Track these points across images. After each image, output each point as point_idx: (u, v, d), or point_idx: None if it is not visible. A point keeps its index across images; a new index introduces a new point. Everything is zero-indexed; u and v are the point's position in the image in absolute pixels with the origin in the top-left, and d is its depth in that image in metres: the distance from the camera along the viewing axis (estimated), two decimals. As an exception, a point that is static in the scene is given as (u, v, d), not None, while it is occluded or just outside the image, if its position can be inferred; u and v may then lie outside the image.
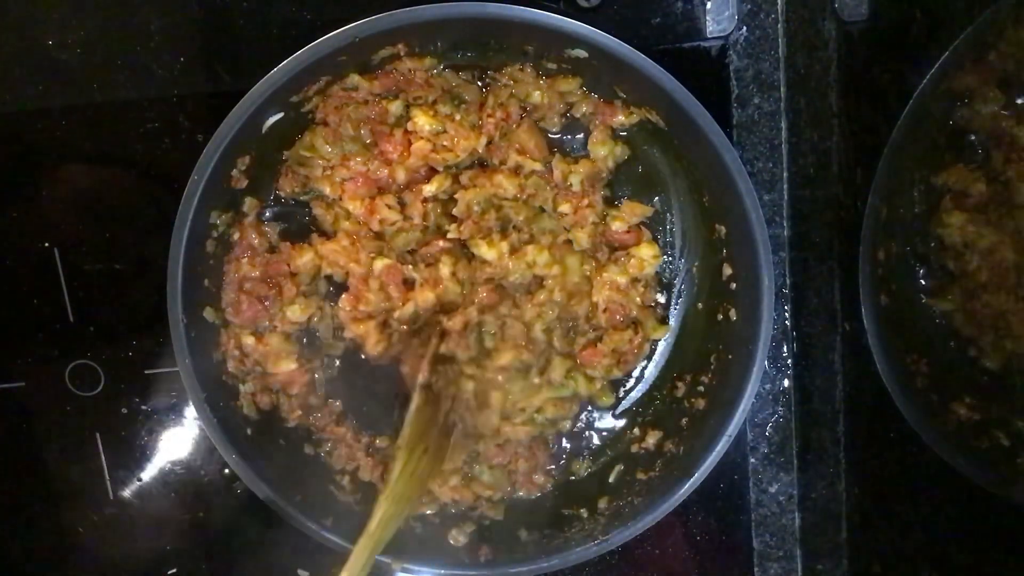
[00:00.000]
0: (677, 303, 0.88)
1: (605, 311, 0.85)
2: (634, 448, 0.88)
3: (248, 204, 0.81)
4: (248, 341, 0.82)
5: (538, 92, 0.81)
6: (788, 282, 0.87)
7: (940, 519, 0.81)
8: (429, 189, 0.81)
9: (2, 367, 0.88)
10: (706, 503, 0.90)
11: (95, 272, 0.86)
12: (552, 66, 0.80)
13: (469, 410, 0.83)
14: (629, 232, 0.84)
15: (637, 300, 0.86)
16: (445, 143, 0.80)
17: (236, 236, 0.81)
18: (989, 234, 0.77)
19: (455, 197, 0.81)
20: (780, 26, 0.82)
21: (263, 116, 0.76)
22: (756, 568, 0.92)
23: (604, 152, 0.82)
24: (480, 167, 0.83)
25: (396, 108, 0.80)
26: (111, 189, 0.85)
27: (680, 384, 0.87)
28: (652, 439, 0.87)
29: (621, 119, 0.82)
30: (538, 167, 0.82)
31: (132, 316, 0.87)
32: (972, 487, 0.74)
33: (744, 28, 0.82)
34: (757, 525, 0.91)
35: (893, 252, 0.80)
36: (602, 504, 0.86)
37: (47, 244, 0.85)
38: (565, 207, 0.83)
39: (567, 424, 0.88)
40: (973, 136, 0.78)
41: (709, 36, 0.81)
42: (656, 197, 0.85)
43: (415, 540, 0.84)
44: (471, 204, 0.81)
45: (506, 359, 0.83)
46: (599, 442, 0.90)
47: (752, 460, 0.90)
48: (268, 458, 0.82)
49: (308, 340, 0.86)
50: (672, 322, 0.88)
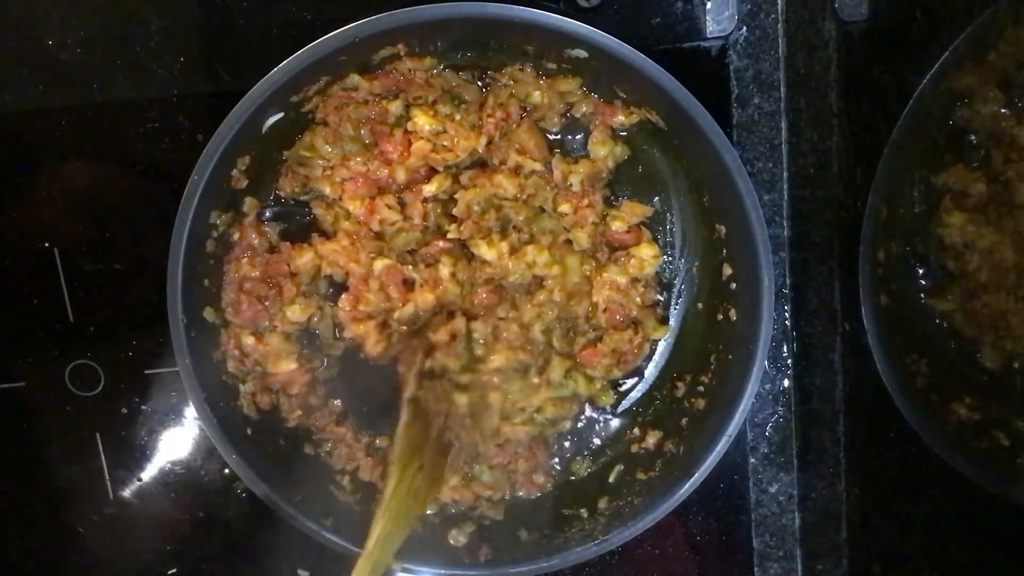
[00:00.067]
0: (677, 303, 0.88)
1: (605, 311, 0.85)
2: (634, 448, 0.88)
3: (248, 204, 0.81)
4: (248, 341, 0.82)
5: (538, 92, 0.81)
6: (788, 282, 0.87)
7: (940, 519, 0.81)
8: (429, 189, 0.81)
9: (2, 367, 0.88)
10: (706, 503, 0.90)
11: (95, 272, 0.86)
12: (552, 66, 0.80)
13: (464, 428, 0.81)
14: (629, 232, 0.84)
15: (637, 300, 0.86)
16: (445, 143, 0.80)
17: (236, 236, 0.81)
18: (989, 234, 0.77)
19: (455, 197, 0.81)
20: (780, 26, 0.82)
21: (263, 116, 0.76)
22: (756, 568, 0.92)
23: (604, 152, 0.82)
24: (480, 167, 0.82)
25: (396, 108, 0.80)
26: (111, 189, 0.85)
27: (680, 384, 0.87)
28: (652, 439, 0.87)
29: (621, 119, 0.82)
30: (538, 167, 0.82)
31: (132, 316, 0.87)
32: (972, 487, 0.74)
33: (744, 28, 0.82)
34: (757, 525, 0.91)
35: (893, 252, 0.80)
36: (602, 504, 0.86)
37: (47, 244, 0.85)
38: (565, 207, 0.83)
39: (567, 424, 0.88)
40: (973, 136, 0.77)
41: (709, 36, 0.81)
42: (656, 197, 0.85)
43: (415, 540, 0.84)
44: (471, 204, 0.81)
45: (499, 362, 0.82)
46: (599, 442, 0.90)
47: (752, 460, 0.90)
48: (268, 458, 0.82)
49: (308, 340, 0.86)
50: (672, 322, 0.88)
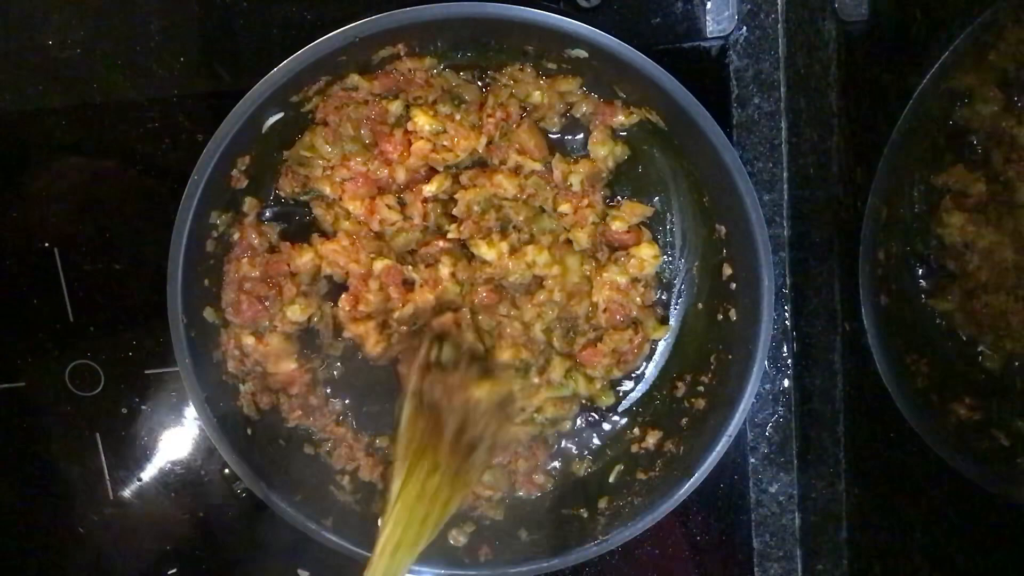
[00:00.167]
0: (677, 303, 0.88)
1: (605, 311, 0.85)
2: (634, 448, 0.88)
3: (248, 204, 0.81)
4: (248, 341, 0.82)
5: (538, 92, 0.81)
6: (788, 282, 0.87)
7: (940, 519, 0.81)
8: (429, 189, 0.81)
9: (2, 367, 0.88)
10: (706, 503, 0.90)
11: (95, 272, 0.86)
12: (552, 66, 0.80)
13: (493, 422, 0.76)
14: (629, 232, 0.84)
15: (637, 300, 0.86)
16: (445, 143, 0.80)
17: (236, 236, 0.81)
18: (989, 234, 0.77)
19: (455, 197, 0.81)
20: (780, 26, 0.82)
21: (263, 116, 0.76)
22: (756, 568, 0.92)
23: (604, 152, 0.82)
24: (480, 167, 0.82)
25: (396, 108, 0.80)
26: (111, 189, 0.85)
27: (680, 384, 0.87)
28: (652, 439, 0.87)
29: (621, 119, 0.82)
30: (538, 167, 0.82)
31: (132, 316, 0.87)
32: (972, 487, 0.74)
33: (744, 28, 0.82)
34: (757, 525, 0.91)
35: (893, 252, 0.80)
36: (602, 504, 0.86)
37: (47, 244, 0.85)
38: (565, 207, 0.83)
39: (567, 424, 0.88)
40: (973, 136, 0.77)
41: (709, 36, 0.81)
42: (656, 197, 0.85)
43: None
44: (471, 204, 0.81)
45: (508, 355, 0.81)
46: (599, 442, 0.90)
47: (752, 460, 0.90)
48: (268, 458, 0.82)
49: (308, 340, 0.86)
50: (672, 322, 0.88)
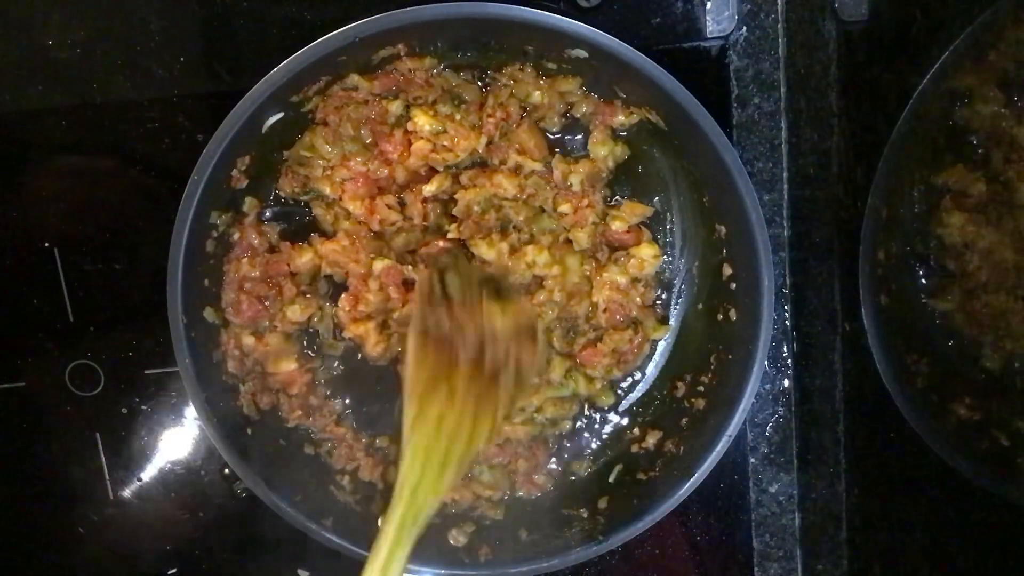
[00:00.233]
0: (677, 303, 0.88)
1: (605, 311, 0.85)
2: (634, 448, 0.88)
3: (248, 204, 0.81)
4: (248, 341, 0.82)
5: (538, 92, 0.81)
6: (788, 282, 0.87)
7: (940, 519, 0.81)
8: (429, 189, 0.81)
9: (2, 367, 0.88)
10: (706, 503, 0.90)
11: (95, 272, 0.86)
12: (552, 66, 0.80)
13: (514, 342, 0.69)
14: (629, 232, 0.84)
15: (637, 300, 0.86)
16: (445, 143, 0.80)
17: (236, 236, 0.81)
18: (989, 234, 0.77)
19: (455, 197, 0.81)
20: (780, 26, 0.82)
21: (263, 116, 0.76)
22: (756, 568, 0.92)
23: (604, 152, 0.82)
24: (480, 167, 0.82)
25: (396, 108, 0.80)
26: (111, 189, 0.85)
27: (680, 384, 0.87)
28: (652, 439, 0.87)
29: (621, 119, 0.82)
30: (538, 167, 0.82)
31: (132, 316, 0.87)
32: (972, 487, 0.74)
33: (744, 28, 0.82)
34: (757, 525, 0.91)
35: (893, 252, 0.79)
36: (602, 504, 0.86)
37: (47, 244, 0.85)
38: (565, 207, 0.83)
39: (567, 424, 0.88)
40: (973, 136, 0.77)
41: (709, 36, 0.81)
42: (656, 197, 0.85)
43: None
44: (471, 204, 0.81)
45: (541, 258, 0.75)
46: (599, 442, 0.90)
47: (752, 460, 0.90)
48: (268, 458, 0.81)
49: (308, 340, 0.86)
50: (672, 322, 0.88)
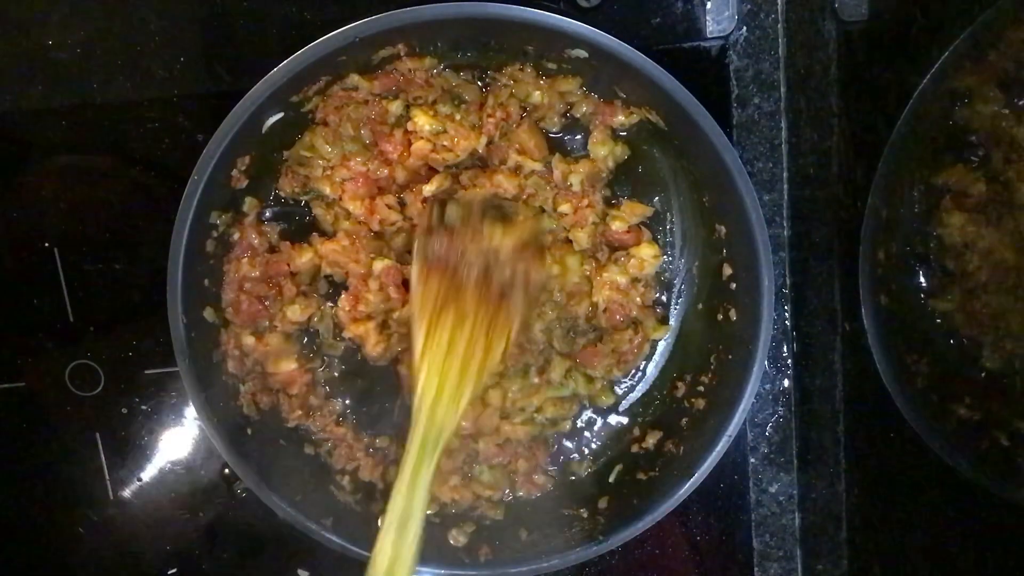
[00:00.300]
0: (677, 303, 0.88)
1: (605, 311, 0.85)
2: (634, 448, 0.88)
3: (248, 204, 0.81)
4: (248, 341, 0.82)
5: (538, 92, 0.81)
6: (788, 282, 0.87)
7: (940, 519, 0.81)
8: (429, 189, 0.81)
9: (2, 367, 0.88)
10: (706, 503, 0.90)
11: (95, 272, 0.86)
12: (552, 66, 0.80)
13: (521, 259, 0.72)
14: (629, 232, 0.84)
15: (637, 300, 0.86)
16: (445, 143, 0.80)
17: (236, 236, 0.81)
18: (989, 234, 0.77)
19: (455, 197, 0.81)
20: (780, 26, 0.82)
21: (263, 116, 0.76)
22: (756, 568, 0.92)
23: (604, 152, 0.82)
24: (480, 167, 0.82)
25: (396, 108, 0.80)
26: (111, 189, 0.85)
27: (680, 384, 0.87)
28: (652, 439, 0.87)
29: (621, 119, 0.82)
30: (538, 167, 0.82)
31: (132, 316, 0.87)
32: (972, 487, 0.74)
33: (744, 28, 0.82)
34: (757, 525, 0.91)
35: (893, 252, 0.79)
36: (602, 504, 0.86)
37: (47, 244, 0.85)
38: (565, 207, 0.83)
39: (567, 424, 0.88)
40: (973, 136, 0.77)
41: (709, 36, 0.81)
42: (656, 197, 0.85)
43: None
44: (471, 204, 0.81)
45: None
46: (599, 442, 0.90)
47: (752, 460, 0.90)
48: (268, 458, 0.81)
49: (308, 340, 0.86)
50: (672, 322, 0.88)
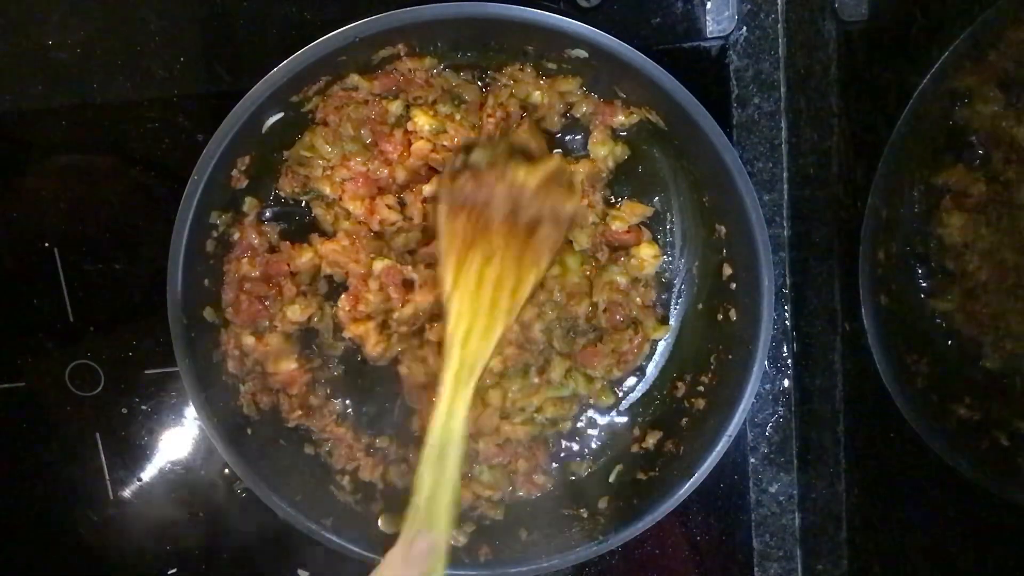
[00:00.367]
0: (677, 303, 0.88)
1: (605, 311, 0.85)
2: (634, 448, 0.88)
3: (248, 204, 0.81)
4: (248, 341, 0.82)
5: (538, 92, 0.81)
6: (788, 282, 0.87)
7: (940, 519, 0.81)
8: (429, 189, 0.81)
9: (2, 367, 0.88)
10: (706, 503, 0.90)
11: (95, 272, 0.86)
12: (552, 66, 0.80)
13: (548, 195, 0.75)
14: (629, 232, 0.84)
15: (637, 300, 0.86)
16: (445, 143, 0.80)
17: (236, 236, 0.81)
18: (989, 234, 0.77)
19: (480, 142, 0.80)
20: (780, 26, 0.82)
21: (263, 116, 0.76)
22: (756, 568, 0.92)
23: (604, 152, 0.82)
24: (480, 167, 0.82)
25: (396, 108, 0.80)
26: (111, 189, 0.85)
27: (680, 384, 0.87)
28: (652, 439, 0.87)
29: (621, 119, 0.82)
30: (538, 167, 0.82)
31: (132, 316, 0.87)
32: (972, 487, 0.74)
33: (744, 28, 0.82)
34: (757, 525, 0.91)
35: (893, 252, 0.79)
36: (602, 504, 0.86)
37: (47, 244, 0.85)
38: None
39: (567, 424, 0.88)
40: (973, 136, 0.77)
41: (709, 36, 0.81)
42: (656, 197, 0.85)
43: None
44: (471, 204, 0.81)
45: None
46: (599, 442, 0.90)
47: (752, 460, 0.90)
48: (268, 458, 0.81)
49: (308, 340, 0.86)
50: (672, 322, 0.88)
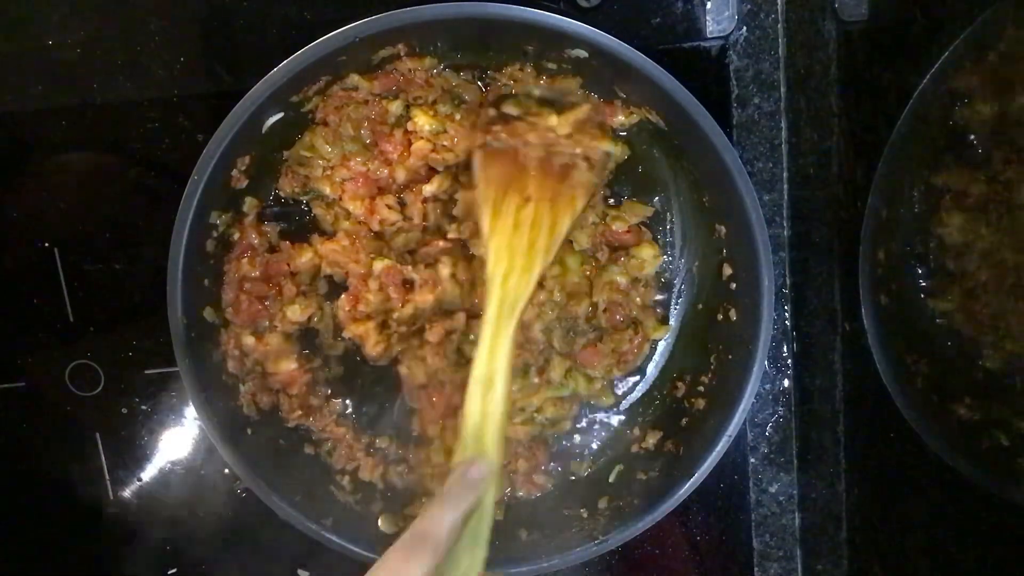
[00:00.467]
0: (677, 303, 0.88)
1: (605, 311, 0.85)
2: (634, 448, 0.88)
3: (248, 204, 0.81)
4: (248, 341, 0.82)
5: (538, 92, 0.81)
6: (788, 282, 0.87)
7: (940, 519, 0.81)
8: (429, 189, 0.81)
9: (2, 367, 0.88)
10: (706, 503, 0.90)
11: (95, 272, 0.86)
12: (552, 66, 0.80)
13: (582, 138, 0.78)
14: (629, 232, 0.84)
15: (637, 300, 0.86)
16: (445, 143, 0.80)
17: (236, 236, 0.81)
18: (989, 234, 0.77)
19: (455, 197, 0.81)
20: (780, 26, 0.82)
21: (263, 116, 0.76)
22: (756, 568, 0.92)
23: (604, 152, 0.82)
24: (480, 167, 0.82)
25: (396, 108, 0.80)
26: (111, 189, 0.85)
27: (680, 384, 0.87)
28: (652, 439, 0.87)
29: (621, 119, 0.81)
30: (539, 167, 0.82)
31: (132, 316, 0.87)
32: (972, 487, 0.74)
33: (744, 28, 0.82)
34: (757, 525, 0.91)
35: (893, 252, 0.79)
36: (602, 504, 0.86)
37: (47, 244, 0.85)
38: (565, 207, 0.83)
39: (567, 424, 0.88)
40: (973, 136, 0.77)
41: (709, 36, 0.81)
42: (656, 197, 0.85)
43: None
44: (471, 204, 0.81)
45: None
46: (599, 442, 0.90)
47: (752, 460, 0.90)
48: (268, 458, 0.81)
49: (308, 340, 0.86)
50: (672, 322, 0.88)
